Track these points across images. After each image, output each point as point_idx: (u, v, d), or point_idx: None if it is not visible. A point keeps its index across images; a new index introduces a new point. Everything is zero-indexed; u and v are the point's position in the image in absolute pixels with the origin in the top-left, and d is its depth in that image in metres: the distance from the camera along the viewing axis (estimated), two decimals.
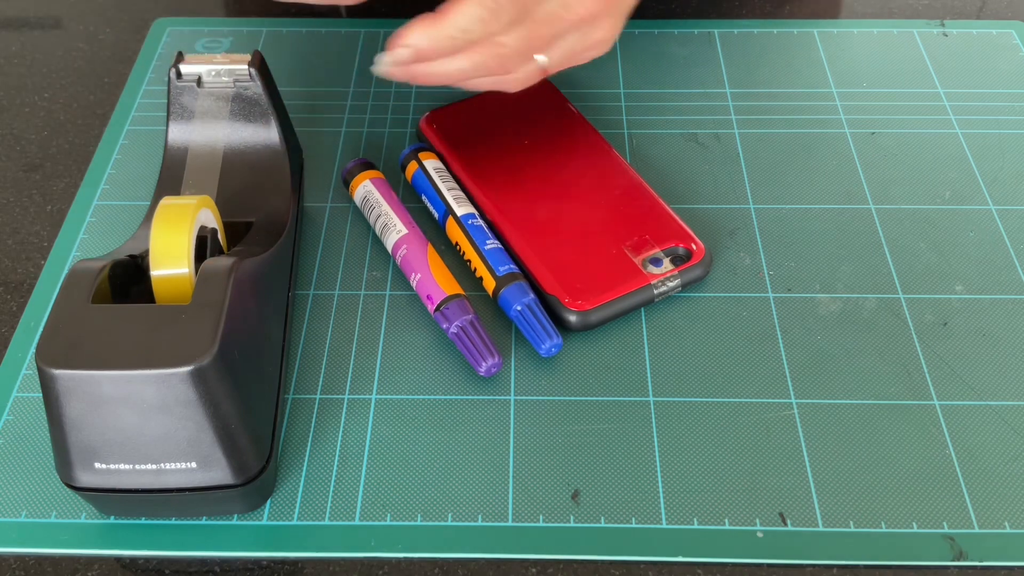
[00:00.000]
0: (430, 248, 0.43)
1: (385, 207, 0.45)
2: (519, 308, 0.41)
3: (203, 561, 0.35)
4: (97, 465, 0.33)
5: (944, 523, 0.36)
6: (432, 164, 0.47)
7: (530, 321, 0.41)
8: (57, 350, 0.31)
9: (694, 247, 0.43)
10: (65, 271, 0.44)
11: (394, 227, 0.44)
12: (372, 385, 0.40)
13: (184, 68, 0.42)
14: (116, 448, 0.32)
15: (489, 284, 0.42)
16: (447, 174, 0.47)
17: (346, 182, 0.47)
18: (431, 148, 0.48)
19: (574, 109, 0.50)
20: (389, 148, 0.50)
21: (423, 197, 0.47)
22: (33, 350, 0.41)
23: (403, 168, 0.48)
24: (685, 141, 0.50)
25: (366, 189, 0.46)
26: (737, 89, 0.53)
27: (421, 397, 0.40)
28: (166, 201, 0.36)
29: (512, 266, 0.42)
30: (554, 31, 0.40)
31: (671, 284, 0.42)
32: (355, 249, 0.46)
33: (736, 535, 0.36)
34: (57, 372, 0.31)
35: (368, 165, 0.47)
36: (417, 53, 0.39)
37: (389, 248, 0.44)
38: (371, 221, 0.45)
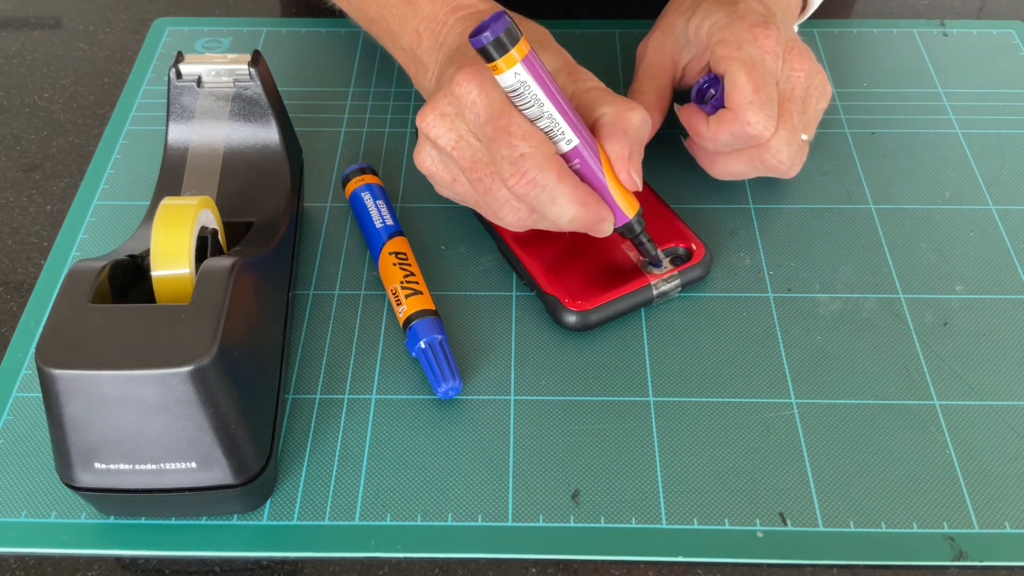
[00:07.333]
0: (604, 158, 0.38)
1: (548, 106, 0.36)
2: (423, 344, 0.40)
3: (203, 561, 0.35)
4: (97, 465, 0.33)
5: (944, 523, 0.36)
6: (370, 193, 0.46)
7: (438, 358, 0.40)
8: (57, 350, 0.31)
9: (694, 247, 0.43)
10: (65, 271, 0.44)
11: (562, 135, 0.37)
12: (372, 385, 0.40)
13: (184, 68, 0.42)
14: (116, 448, 0.32)
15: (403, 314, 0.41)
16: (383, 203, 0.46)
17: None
18: None
19: None
20: (389, 148, 0.50)
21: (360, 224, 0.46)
22: (33, 350, 0.41)
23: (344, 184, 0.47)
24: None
25: (519, 79, 0.36)
26: None
27: (421, 397, 0.40)
28: (167, 201, 0.36)
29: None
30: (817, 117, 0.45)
31: (671, 284, 0.42)
32: (355, 249, 0.46)
33: (736, 535, 0.36)
34: (57, 372, 0.31)
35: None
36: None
37: None
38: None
